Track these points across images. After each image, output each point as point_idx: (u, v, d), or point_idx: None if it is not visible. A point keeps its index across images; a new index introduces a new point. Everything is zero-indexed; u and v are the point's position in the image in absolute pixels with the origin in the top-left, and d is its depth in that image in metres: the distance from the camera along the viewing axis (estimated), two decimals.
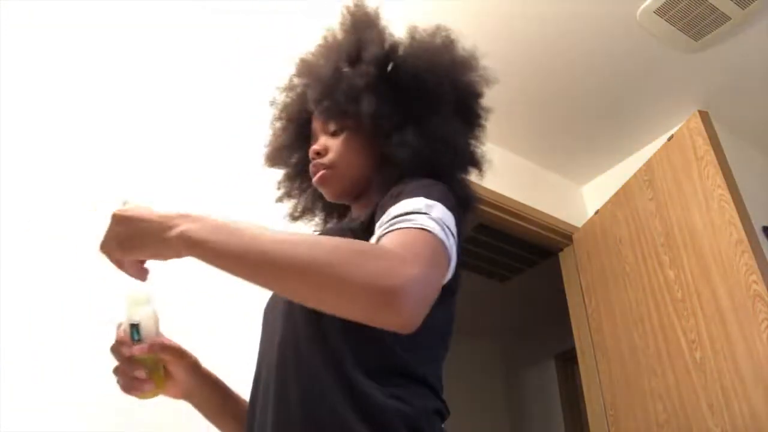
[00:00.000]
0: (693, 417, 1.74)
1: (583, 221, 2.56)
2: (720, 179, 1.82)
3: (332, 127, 0.99)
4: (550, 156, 2.70)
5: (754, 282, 1.63)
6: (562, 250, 2.64)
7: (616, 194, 2.35)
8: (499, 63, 2.34)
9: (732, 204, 1.76)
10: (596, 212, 2.48)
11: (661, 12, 2.01)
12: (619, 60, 2.23)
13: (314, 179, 0.99)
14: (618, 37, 2.13)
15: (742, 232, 1.70)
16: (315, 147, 0.99)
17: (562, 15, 2.06)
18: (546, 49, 2.18)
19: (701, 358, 1.76)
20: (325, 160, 0.97)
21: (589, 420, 2.24)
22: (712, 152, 1.88)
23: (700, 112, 1.99)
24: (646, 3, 2.00)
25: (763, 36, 2.10)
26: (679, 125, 2.10)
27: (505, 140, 2.59)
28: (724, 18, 2.02)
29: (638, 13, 2.03)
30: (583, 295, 2.42)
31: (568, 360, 3.75)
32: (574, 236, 2.56)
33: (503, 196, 2.36)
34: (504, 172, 2.49)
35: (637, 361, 2.02)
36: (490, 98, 0.98)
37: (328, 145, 0.98)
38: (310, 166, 1.00)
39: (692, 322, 1.82)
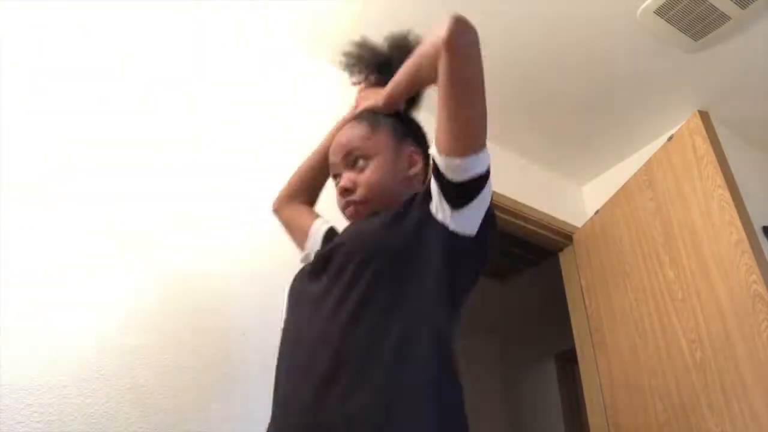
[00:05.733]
0: (693, 417, 1.74)
1: (583, 221, 2.56)
2: (720, 179, 1.81)
3: (356, 155, 1.07)
4: (550, 156, 2.70)
5: (754, 282, 1.63)
6: (562, 250, 2.64)
7: (616, 194, 2.35)
8: (499, 63, 2.35)
9: (732, 204, 1.76)
10: (596, 212, 2.48)
11: (661, 12, 2.01)
12: (619, 60, 2.23)
13: (346, 213, 1.07)
14: (618, 37, 2.13)
15: (742, 232, 1.70)
16: (343, 184, 1.07)
17: (562, 15, 2.06)
18: (546, 49, 2.18)
19: (701, 358, 1.75)
20: (356, 196, 1.05)
21: (589, 420, 2.24)
22: (712, 152, 1.87)
23: (700, 112, 1.99)
24: (646, 3, 2.00)
25: (763, 36, 2.10)
26: (679, 125, 2.10)
27: (505, 140, 2.59)
28: (724, 18, 2.02)
29: (638, 13, 2.03)
30: (583, 295, 2.41)
31: (568, 360, 3.74)
32: (574, 236, 2.56)
33: (503, 196, 2.36)
34: (504, 171, 2.49)
35: (637, 361, 2.02)
36: (490, 98, 0.98)
37: (355, 180, 1.06)
38: (339, 198, 1.09)
39: (692, 322, 1.81)
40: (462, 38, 0.89)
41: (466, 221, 0.93)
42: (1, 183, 1.40)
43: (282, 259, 1.75)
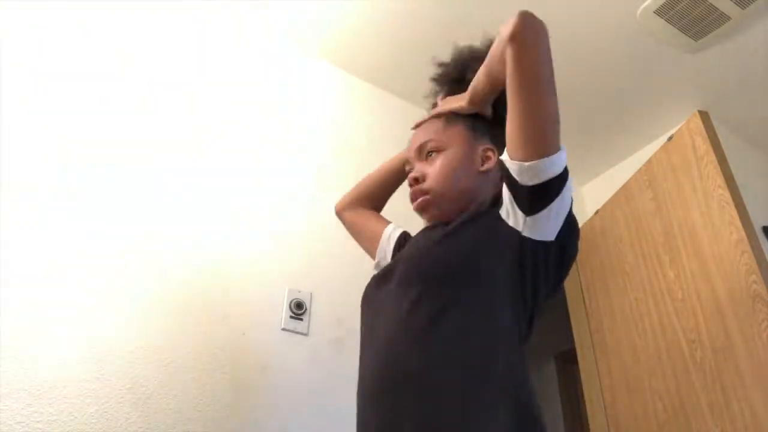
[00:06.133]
0: (693, 417, 1.74)
1: (583, 221, 2.56)
2: (720, 179, 1.81)
3: (429, 149, 1.06)
4: None
5: (754, 282, 1.63)
6: None
7: (616, 194, 2.35)
8: None
9: (732, 204, 1.75)
10: (596, 212, 2.47)
11: (661, 12, 2.01)
12: (618, 60, 2.23)
13: (414, 206, 1.06)
14: (618, 37, 2.13)
15: (742, 232, 1.70)
16: (412, 174, 1.06)
17: (562, 15, 2.06)
18: None
19: (701, 358, 1.75)
20: (424, 185, 1.04)
21: (589, 420, 2.24)
22: (712, 152, 1.87)
23: (700, 112, 1.99)
24: (646, 3, 2.00)
25: (763, 36, 2.10)
26: (679, 125, 2.10)
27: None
28: (724, 18, 2.02)
29: (638, 13, 2.03)
30: (583, 295, 2.41)
31: (568, 360, 3.74)
32: None
33: None
34: None
35: (637, 361, 2.01)
36: None
37: (425, 170, 1.05)
38: (410, 190, 1.07)
39: (692, 322, 1.81)
40: (528, 29, 0.87)
41: (541, 227, 0.88)
42: (1, 183, 1.40)
43: (282, 259, 1.75)
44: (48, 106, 1.57)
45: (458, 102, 1.10)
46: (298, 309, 1.67)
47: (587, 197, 2.83)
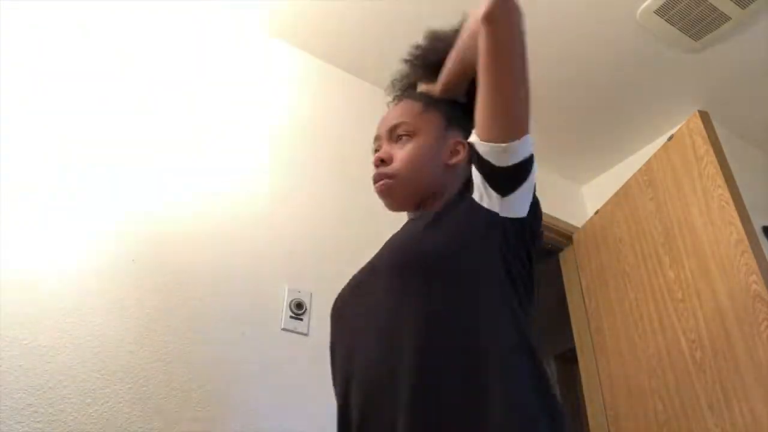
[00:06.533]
0: (693, 417, 1.74)
1: (583, 221, 2.56)
2: (720, 179, 1.81)
3: (400, 132, 1.02)
4: (550, 156, 2.70)
5: (754, 282, 1.63)
6: (562, 250, 2.63)
7: (616, 194, 2.35)
8: None
9: (732, 204, 1.76)
10: (596, 212, 2.48)
11: (661, 12, 2.01)
12: (619, 60, 2.23)
13: (376, 188, 1.03)
14: (618, 37, 2.13)
15: (742, 232, 1.70)
16: (379, 154, 1.03)
17: (562, 15, 2.06)
18: (545, 49, 2.17)
19: (701, 358, 1.75)
20: (389, 169, 1.01)
21: (589, 420, 2.24)
22: (712, 152, 1.87)
23: (700, 112, 1.99)
24: (646, 3, 2.00)
25: (763, 36, 2.10)
26: (679, 125, 2.10)
27: None
28: (724, 18, 2.02)
29: (638, 13, 2.03)
30: (583, 295, 2.41)
31: (568, 360, 3.73)
32: (574, 236, 2.56)
33: None
34: None
35: (637, 361, 2.02)
36: None
37: (393, 153, 1.02)
38: (374, 174, 1.03)
39: (692, 322, 1.81)
40: (502, 8, 0.86)
41: (517, 205, 0.89)
42: (1, 183, 1.40)
43: (282, 259, 1.75)
44: (48, 106, 1.56)
45: (433, 86, 1.08)
46: (298, 309, 1.67)
47: (587, 197, 2.83)
